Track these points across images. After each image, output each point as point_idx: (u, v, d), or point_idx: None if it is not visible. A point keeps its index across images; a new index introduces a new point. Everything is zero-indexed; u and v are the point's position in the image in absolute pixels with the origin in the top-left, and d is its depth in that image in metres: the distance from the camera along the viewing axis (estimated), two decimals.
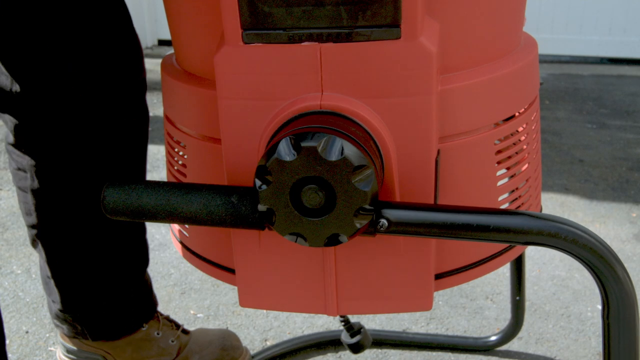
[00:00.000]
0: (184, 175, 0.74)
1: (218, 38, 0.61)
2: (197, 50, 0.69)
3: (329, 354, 1.29)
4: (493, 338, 1.28)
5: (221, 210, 0.57)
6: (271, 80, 0.59)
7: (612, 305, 0.58)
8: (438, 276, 0.68)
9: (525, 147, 0.72)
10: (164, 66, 0.76)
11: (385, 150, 0.58)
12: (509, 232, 0.55)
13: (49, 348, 1.30)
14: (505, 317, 1.40)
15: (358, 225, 0.55)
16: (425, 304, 0.66)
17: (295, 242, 0.56)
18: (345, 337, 1.03)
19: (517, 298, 1.22)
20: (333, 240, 0.56)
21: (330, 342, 1.31)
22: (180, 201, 0.58)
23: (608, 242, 1.69)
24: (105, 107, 0.98)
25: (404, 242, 0.63)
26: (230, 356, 1.20)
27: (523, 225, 0.55)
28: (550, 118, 2.73)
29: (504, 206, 0.71)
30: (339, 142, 0.52)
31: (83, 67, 0.94)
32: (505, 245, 0.71)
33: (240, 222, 0.57)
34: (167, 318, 1.20)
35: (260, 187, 0.54)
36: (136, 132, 1.04)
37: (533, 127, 0.74)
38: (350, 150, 0.52)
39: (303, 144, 0.52)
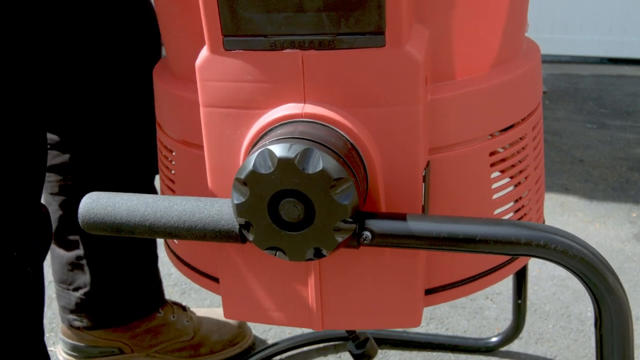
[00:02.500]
0: (173, 182, 0.73)
1: (201, 44, 0.60)
2: (182, 56, 0.68)
3: (329, 354, 1.28)
4: (494, 339, 1.28)
5: (200, 225, 0.56)
6: (253, 88, 0.57)
7: (605, 316, 0.57)
8: (429, 291, 0.66)
9: (524, 159, 0.69)
10: (156, 70, 0.75)
11: (369, 161, 0.57)
12: (496, 243, 0.53)
13: (49, 348, 1.29)
14: (505, 317, 1.39)
15: (339, 239, 0.53)
16: (413, 321, 0.64)
17: (275, 256, 0.55)
18: (351, 347, 1.03)
19: (519, 301, 1.21)
20: (314, 255, 0.54)
21: (330, 341, 1.31)
22: (159, 216, 0.56)
23: (608, 242, 1.70)
24: (120, 99, 1.01)
25: (390, 255, 0.62)
26: (244, 333, 1.28)
27: (511, 236, 0.53)
28: (550, 118, 2.72)
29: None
30: (317, 154, 0.50)
31: (97, 59, 0.97)
32: (501, 259, 0.69)
33: (220, 236, 0.56)
34: (175, 303, 1.26)
35: (237, 200, 0.53)
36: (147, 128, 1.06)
37: (533, 138, 0.71)
38: (329, 163, 0.51)
39: (279, 156, 0.50)
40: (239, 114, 0.58)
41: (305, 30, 0.55)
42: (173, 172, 0.72)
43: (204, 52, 0.58)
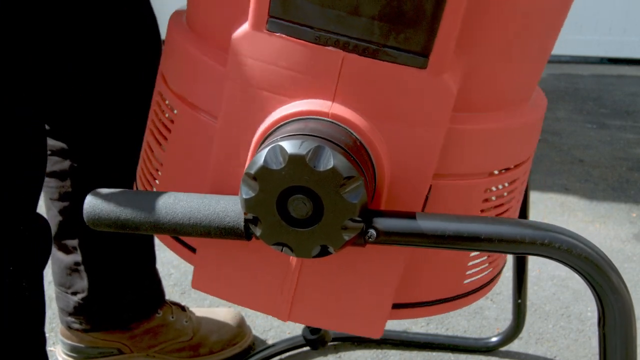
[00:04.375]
0: (166, 139, 0.69)
1: (241, 11, 0.58)
2: (214, 19, 0.64)
3: (329, 354, 1.28)
4: (494, 339, 1.28)
5: (206, 222, 0.56)
6: (285, 74, 0.56)
7: (609, 315, 0.57)
8: (396, 305, 0.66)
9: (510, 200, 0.70)
10: (172, 20, 0.71)
11: (379, 164, 0.57)
12: (500, 242, 0.53)
13: (49, 348, 1.29)
14: (505, 317, 1.39)
15: (346, 238, 0.53)
16: (374, 331, 0.64)
17: (282, 251, 0.55)
18: (306, 333, 1.06)
19: (519, 301, 1.22)
20: (320, 252, 0.54)
21: (330, 342, 1.30)
22: (164, 212, 0.56)
23: (608, 242, 1.70)
24: (121, 102, 1.00)
25: (368, 263, 0.62)
26: (243, 332, 1.28)
27: (516, 235, 0.53)
28: (550, 118, 2.72)
29: None
30: (328, 152, 0.50)
31: (100, 57, 0.96)
32: (470, 287, 0.70)
33: (225, 233, 0.56)
34: (174, 303, 1.26)
35: (246, 195, 0.53)
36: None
37: (522, 183, 0.72)
38: (340, 161, 0.51)
39: (290, 153, 0.50)
40: (264, 97, 0.57)
41: (353, 33, 0.54)
42: (169, 129, 0.69)
43: (244, 26, 0.56)
